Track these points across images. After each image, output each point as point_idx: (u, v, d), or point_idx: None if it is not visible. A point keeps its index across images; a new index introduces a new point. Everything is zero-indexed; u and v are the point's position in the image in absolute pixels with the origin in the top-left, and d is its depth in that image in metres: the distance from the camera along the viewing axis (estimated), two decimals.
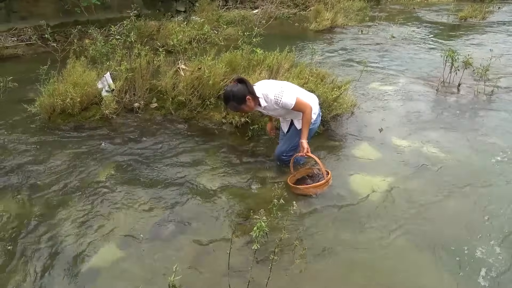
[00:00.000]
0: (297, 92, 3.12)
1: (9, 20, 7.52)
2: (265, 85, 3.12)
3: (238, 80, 3.03)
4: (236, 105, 3.02)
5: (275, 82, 3.22)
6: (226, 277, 2.39)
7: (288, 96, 3.01)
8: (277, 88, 3.05)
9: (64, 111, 4.29)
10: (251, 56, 4.76)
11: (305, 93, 3.29)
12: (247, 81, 3.04)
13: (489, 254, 2.63)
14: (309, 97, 3.26)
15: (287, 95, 3.01)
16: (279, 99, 3.01)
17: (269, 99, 3.05)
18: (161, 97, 4.63)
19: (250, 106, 3.05)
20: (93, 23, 7.41)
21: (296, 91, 3.14)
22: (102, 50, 4.77)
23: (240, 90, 2.97)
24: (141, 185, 3.34)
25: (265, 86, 3.10)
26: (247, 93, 2.99)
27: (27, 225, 2.86)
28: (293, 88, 3.17)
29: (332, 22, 9.52)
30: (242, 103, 3.00)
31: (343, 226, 2.91)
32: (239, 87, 2.98)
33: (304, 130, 3.11)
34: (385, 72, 6.27)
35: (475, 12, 10.71)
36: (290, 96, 3.01)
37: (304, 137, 3.11)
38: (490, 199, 3.19)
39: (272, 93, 3.03)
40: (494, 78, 5.57)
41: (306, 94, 3.28)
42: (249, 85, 3.03)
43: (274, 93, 3.02)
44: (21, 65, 6.37)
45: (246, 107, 3.04)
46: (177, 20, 8.34)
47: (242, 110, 3.10)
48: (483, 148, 3.97)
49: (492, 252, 2.65)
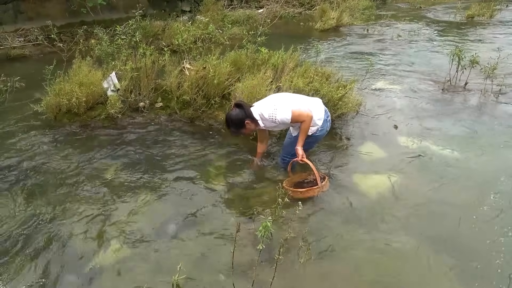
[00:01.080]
0: (294, 104, 3.10)
1: (16, 21, 7.58)
2: (261, 105, 3.16)
3: (236, 105, 3.13)
4: (235, 130, 3.17)
5: (270, 99, 3.21)
6: (230, 276, 2.39)
7: (283, 112, 3.03)
8: (271, 107, 3.08)
9: (70, 110, 4.32)
10: (256, 55, 4.75)
11: (305, 100, 3.24)
12: (245, 105, 3.11)
13: (496, 252, 2.60)
14: (310, 104, 3.21)
15: (281, 111, 3.04)
16: (274, 118, 3.05)
17: (265, 118, 3.10)
18: (166, 96, 4.64)
19: (250, 129, 3.17)
20: (99, 23, 7.45)
21: (291, 103, 3.10)
22: (108, 50, 4.79)
23: (238, 115, 3.07)
24: (146, 184, 3.35)
25: (261, 106, 3.14)
26: (245, 117, 3.07)
27: (32, 223, 2.88)
28: (288, 101, 3.13)
29: (337, 21, 9.46)
30: (242, 128, 3.12)
31: (348, 226, 2.89)
32: (237, 112, 3.08)
33: (301, 137, 3.13)
34: (390, 71, 6.23)
35: (483, 11, 10.59)
36: (285, 112, 3.03)
37: (299, 144, 3.13)
38: (498, 197, 3.15)
39: (267, 113, 3.07)
40: (502, 77, 5.51)
41: (306, 102, 3.23)
42: (247, 109, 3.09)
43: (268, 113, 3.07)
44: (28, 65, 6.42)
45: (246, 130, 3.16)
46: (182, 20, 8.36)
47: (243, 133, 3.24)
48: (491, 147, 3.92)
49: (499, 250, 2.62)
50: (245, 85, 4.12)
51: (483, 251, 2.63)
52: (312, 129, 3.20)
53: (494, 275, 2.45)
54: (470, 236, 2.77)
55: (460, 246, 2.68)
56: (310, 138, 3.24)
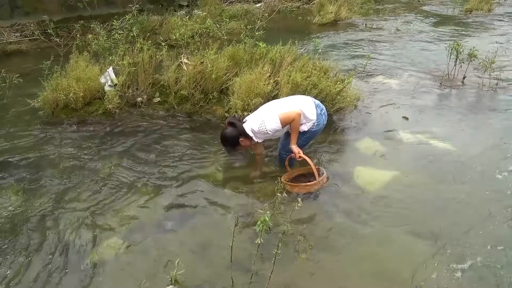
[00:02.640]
0: (279, 108, 3.11)
1: (12, 16, 7.52)
2: (251, 120, 3.17)
3: (229, 123, 3.15)
4: (231, 148, 3.23)
5: (257, 112, 3.24)
6: (229, 270, 2.40)
7: (270, 121, 3.06)
8: (258, 119, 3.11)
9: (67, 105, 4.30)
10: (254, 50, 4.73)
11: (291, 101, 3.23)
12: (237, 123, 3.13)
13: (493, 248, 2.62)
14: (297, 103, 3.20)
15: (269, 121, 3.06)
16: (264, 129, 3.07)
17: (257, 133, 3.12)
18: (164, 91, 4.62)
19: (246, 145, 3.20)
20: (96, 18, 7.40)
21: (276, 109, 3.11)
22: (105, 45, 4.76)
23: (232, 133, 3.11)
24: (144, 180, 3.35)
25: (251, 121, 3.16)
26: (238, 135, 3.10)
27: (31, 218, 2.88)
28: (273, 108, 3.15)
29: (336, 15, 9.42)
30: (237, 145, 3.16)
31: (346, 220, 2.91)
32: (231, 131, 3.11)
33: (293, 136, 3.15)
34: (389, 65, 6.22)
35: (481, 4, 10.55)
36: (272, 120, 3.05)
37: (293, 143, 3.15)
38: (495, 192, 3.17)
39: (256, 127, 3.10)
40: (499, 71, 5.51)
41: (293, 102, 3.22)
42: (239, 126, 3.11)
43: (257, 126, 3.09)
44: (25, 60, 6.38)
45: (241, 147, 3.20)
46: (179, 15, 8.30)
47: (239, 150, 3.29)
48: (488, 142, 3.93)
49: (496, 245, 2.64)
50: (243, 79, 4.11)
51: (482, 245, 2.65)
52: (308, 125, 3.20)
53: (493, 271, 2.47)
54: (469, 230, 2.79)
55: (459, 241, 2.69)
56: (307, 133, 3.24)
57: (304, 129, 3.20)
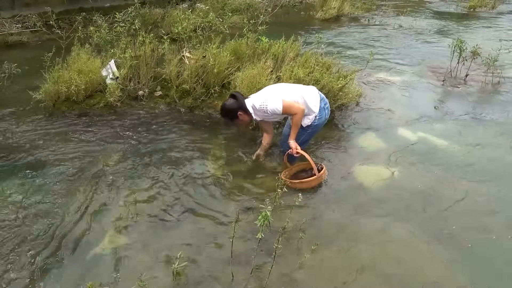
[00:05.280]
0: (287, 95, 3.09)
1: (13, 7, 7.47)
2: (254, 97, 3.17)
3: (231, 95, 3.16)
4: (229, 120, 3.21)
5: (263, 91, 3.23)
6: (229, 264, 2.40)
7: (273, 102, 3.04)
8: (262, 98, 3.10)
9: (68, 98, 4.29)
10: (256, 44, 4.71)
11: (299, 90, 3.21)
12: (239, 97, 3.12)
13: (494, 244, 2.62)
14: (304, 92, 3.18)
15: (272, 102, 3.04)
16: (265, 108, 3.06)
17: (258, 110, 3.10)
18: (166, 85, 4.61)
19: (244, 120, 3.18)
20: (98, 10, 7.35)
21: (284, 94, 3.08)
22: (107, 37, 4.73)
23: (231, 106, 3.10)
24: (145, 173, 3.35)
25: (254, 97, 3.16)
26: (237, 108, 3.09)
27: (31, 211, 2.89)
28: (281, 91, 3.13)
29: (338, 10, 9.36)
30: (235, 118, 3.14)
31: (347, 216, 2.91)
32: (231, 103, 3.11)
33: (293, 130, 3.14)
34: (391, 62, 6.19)
35: (485, 2, 10.48)
36: (275, 102, 3.04)
37: (291, 138, 3.15)
38: (497, 189, 3.17)
39: (258, 105, 3.08)
40: (503, 69, 5.49)
41: (301, 90, 3.20)
42: (241, 100, 3.10)
43: (259, 104, 3.08)
44: (26, 52, 6.36)
45: (239, 121, 3.18)
46: (182, 8, 8.26)
47: (236, 124, 3.26)
48: (490, 139, 3.93)
49: (497, 242, 2.64)
50: (245, 74, 4.10)
51: (481, 242, 2.65)
52: (310, 117, 3.18)
53: (492, 267, 2.48)
54: (470, 227, 2.79)
55: (458, 238, 2.70)
56: (309, 128, 3.24)
57: (307, 123, 3.19)
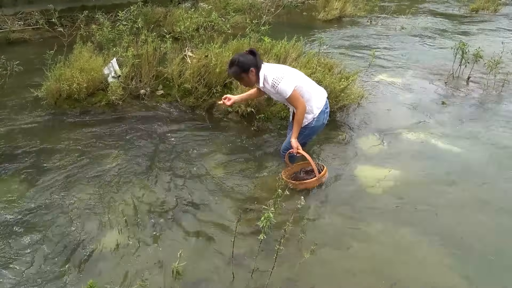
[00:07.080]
0: (301, 85, 3.04)
1: (16, 4, 7.46)
2: (270, 68, 3.06)
3: (250, 51, 3.01)
4: (238, 71, 2.97)
5: (282, 67, 3.15)
6: (230, 265, 2.40)
7: (286, 84, 2.95)
8: (279, 73, 3.00)
9: (70, 96, 4.28)
10: (259, 44, 4.71)
11: (312, 85, 3.19)
12: (258, 55, 3.00)
13: (496, 247, 2.62)
14: (316, 90, 3.18)
15: (286, 82, 2.95)
16: (276, 84, 2.96)
17: (267, 81, 3.00)
18: (167, 84, 4.61)
19: (251, 79, 3.02)
20: (100, 8, 7.34)
21: (299, 83, 3.04)
22: (109, 35, 4.73)
23: (248, 60, 2.95)
24: (146, 172, 3.35)
25: (269, 68, 3.05)
26: (253, 65, 2.95)
27: (32, 209, 2.89)
28: (298, 79, 3.07)
29: (341, 11, 9.35)
30: (244, 72, 2.97)
31: (348, 218, 2.91)
32: (249, 57, 2.96)
33: (295, 128, 3.06)
34: (393, 63, 6.18)
35: (487, 4, 10.46)
36: (288, 85, 2.95)
37: (294, 136, 3.07)
38: (499, 192, 3.17)
39: (271, 77, 2.97)
40: (506, 71, 5.48)
41: (314, 87, 3.19)
42: (259, 59, 2.99)
43: (273, 77, 2.97)
44: (28, 49, 6.36)
45: (246, 77, 3.00)
46: (184, 7, 8.25)
47: (241, 79, 3.05)
48: (491, 142, 3.92)
49: (499, 244, 2.64)
50: None
51: (481, 245, 2.65)
52: (308, 117, 3.12)
53: (493, 270, 2.48)
54: (472, 230, 2.79)
55: (461, 240, 2.69)
56: (306, 130, 3.18)
57: (304, 123, 3.13)
